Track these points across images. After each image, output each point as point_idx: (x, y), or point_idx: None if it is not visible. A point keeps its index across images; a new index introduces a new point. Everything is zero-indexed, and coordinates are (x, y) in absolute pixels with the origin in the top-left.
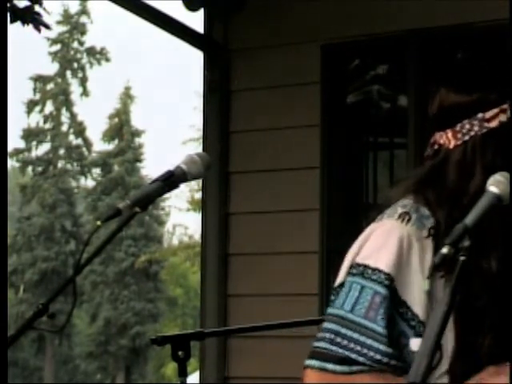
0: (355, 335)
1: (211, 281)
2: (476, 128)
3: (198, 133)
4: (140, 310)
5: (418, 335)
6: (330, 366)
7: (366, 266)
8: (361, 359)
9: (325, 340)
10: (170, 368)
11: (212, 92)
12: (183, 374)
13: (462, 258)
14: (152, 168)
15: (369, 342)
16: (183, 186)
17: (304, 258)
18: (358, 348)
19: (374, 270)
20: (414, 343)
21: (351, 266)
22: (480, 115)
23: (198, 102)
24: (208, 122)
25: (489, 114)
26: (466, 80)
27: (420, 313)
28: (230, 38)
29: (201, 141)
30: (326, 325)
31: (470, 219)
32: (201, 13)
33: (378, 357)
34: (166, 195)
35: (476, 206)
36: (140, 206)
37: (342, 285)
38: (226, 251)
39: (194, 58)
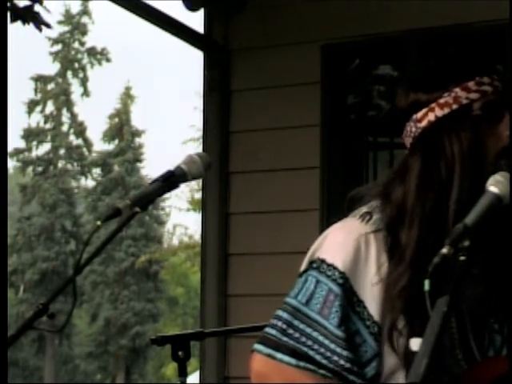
0: (308, 330)
1: (211, 281)
2: (413, 129)
3: (198, 133)
4: (140, 310)
5: (372, 334)
6: (279, 356)
7: (322, 261)
8: (317, 357)
9: (276, 328)
10: (170, 368)
11: (212, 92)
12: (183, 374)
13: (461, 258)
14: (152, 168)
15: (320, 338)
16: (183, 186)
17: (304, 257)
18: (310, 343)
19: (330, 265)
20: (414, 343)
21: (311, 261)
22: (414, 116)
23: (198, 102)
24: (208, 122)
25: (419, 115)
26: (410, 82)
27: (374, 313)
28: (230, 38)
29: (201, 141)
30: (279, 312)
31: (470, 219)
32: (201, 13)
33: (335, 358)
34: (166, 195)
35: (476, 206)
36: (140, 206)
37: (300, 275)
38: (226, 251)
39: (194, 58)
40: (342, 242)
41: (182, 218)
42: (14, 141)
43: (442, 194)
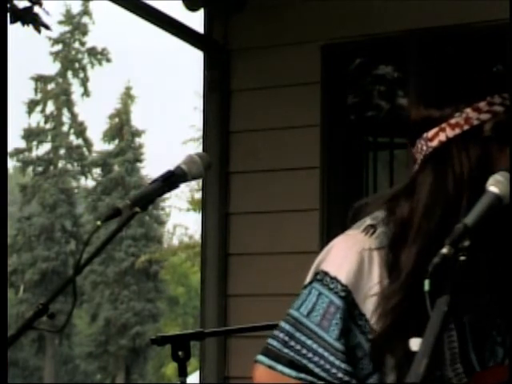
0: (308, 342)
1: (211, 281)
2: (424, 148)
3: (198, 133)
4: (140, 310)
5: None
6: (279, 367)
7: (326, 274)
8: (316, 370)
9: (278, 340)
10: (170, 368)
11: (212, 92)
12: (183, 374)
13: (461, 258)
14: (152, 168)
15: (320, 350)
16: (183, 186)
17: (304, 257)
18: (310, 355)
19: (333, 278)
20: (414, 343)
21: (315, 273)
22: (425, 135)
23: (198, 102)
24: (208, 122)
25: (430, 134)
26: (422, 96)
27: (376, 326)
28: (229, 38)
29: (201, 141)
30: (282, 324)
31: (470, 219)
32: (201, 13)
33: (334, 370)
34: (166, 195)
35: (476, 206)
36: (140, 206)
37: (305, 287)
38: (226, 251)
39: (194, 58)
40: (346, 255)
41: (182, 218)
42: (14, 141)
43: (449, 212)
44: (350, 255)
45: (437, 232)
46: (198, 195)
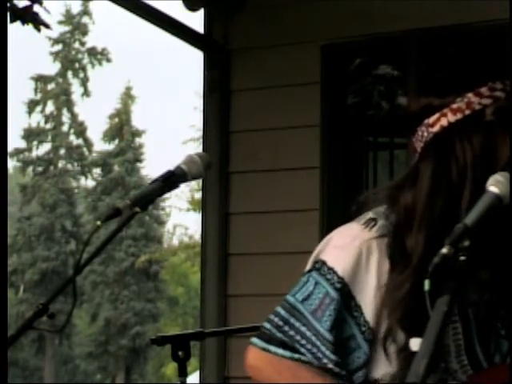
0: (302, 328)
1: (211, 281)
2: (425, 134)
3: (198, 133)
4: (140, 310)
5: (367, 341)
6: (273, 349)
7: (324, 263)
8: (308, 356)
9: (272, 324)
10: (170, 368)
11: (212, 92)
12: (183, 374)
13: (461, 258)
14: (152, 168)
15: (313, 338)
16: (183, 186)
17: (304, 257)
18: (303, 342)
19: (330, 269)
20: (414, 343)
21: (314, 261)
22: (426, 121)
23: (198, 102)
24: (208, 122)
25: (431, 119)
26: (423, 86)
27: (371, 320)
28: (229, 38)
29: (201, 141)
30: (278, 309)
31: (470, 219)
32: (201, 13)
33: (325, 360)
34: (166, 195)
35: (476, 206)
36: (140, 206)
37: (303, 274)
38: (226, 251)
39: (194, 58)
40: (345, 247)
41: (182, 217)
42: (14, 141)
43: (452, 199)
44: (348, 247)
45: (441, 218)
46: (198, 195)
